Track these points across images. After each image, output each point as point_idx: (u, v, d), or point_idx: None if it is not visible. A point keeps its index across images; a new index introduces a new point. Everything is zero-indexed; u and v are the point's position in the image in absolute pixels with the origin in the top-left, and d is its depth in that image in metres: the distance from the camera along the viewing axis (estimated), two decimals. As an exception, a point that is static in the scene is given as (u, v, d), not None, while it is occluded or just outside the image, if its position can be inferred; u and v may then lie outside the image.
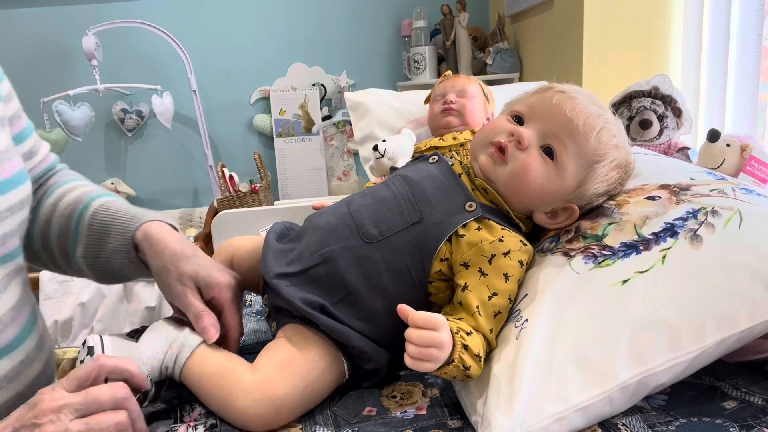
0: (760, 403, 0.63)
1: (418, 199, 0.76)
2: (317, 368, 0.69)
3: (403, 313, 0.63)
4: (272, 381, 0.66)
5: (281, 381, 0.66)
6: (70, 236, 0.76)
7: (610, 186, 0.76)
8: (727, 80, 1.65)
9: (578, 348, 0.62)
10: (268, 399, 0.65)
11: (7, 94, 0.74)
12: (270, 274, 0.73)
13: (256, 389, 0.65)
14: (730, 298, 0.62)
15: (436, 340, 0.61)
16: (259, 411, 0.64)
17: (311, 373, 0.68)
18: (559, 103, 0.75)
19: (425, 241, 0.72)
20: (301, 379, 0.67)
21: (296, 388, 0.66)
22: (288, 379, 0.67)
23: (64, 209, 0.77)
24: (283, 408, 0.66)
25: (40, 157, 0.82)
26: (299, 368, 0.68)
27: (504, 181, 0.75)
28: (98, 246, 0.74)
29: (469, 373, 0.64)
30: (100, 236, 0.74)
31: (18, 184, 0.68)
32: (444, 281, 0.74)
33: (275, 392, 0.65)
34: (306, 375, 0.68)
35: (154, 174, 2.87)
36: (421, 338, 0.61)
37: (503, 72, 2.51)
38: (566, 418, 0.59)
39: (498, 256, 0.70)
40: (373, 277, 0.72)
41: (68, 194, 0.79)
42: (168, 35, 2.47)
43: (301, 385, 0.67)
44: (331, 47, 2.88)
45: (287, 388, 0.66)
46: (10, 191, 0.66)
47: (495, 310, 0.69)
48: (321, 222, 0.78)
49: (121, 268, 0.75)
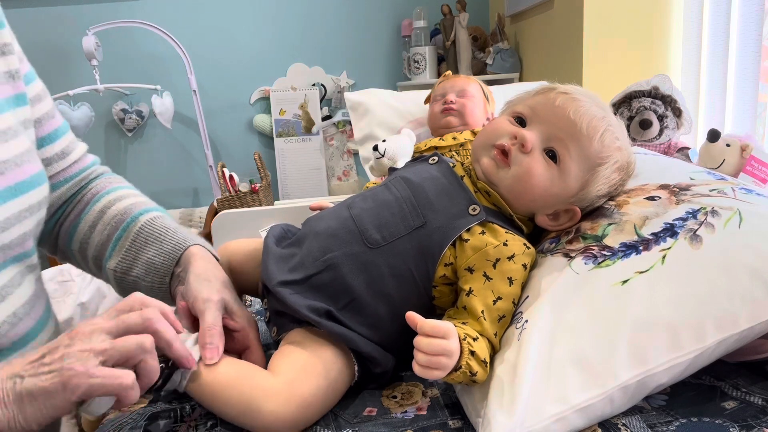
0: (760, 403, 0.63)
1: (420, 202, 0.75)
2: (335, 368, 0.69)
3: (412, 321, 0.62)
4: (297, 382, 0.65)
5: (306, 382, 0.65)
6: (109, 246, 0.76)
7: (612, 187, 0.76)
8: (727, 80, 1.65)
9: (578, 348, 0.62)
10: (295, 400, 0.64)
11: (36, 95, 0.75)
12: (273, 282, 0.72)
13: (282, 391, 0.64)
14: (730, 298, 0.62)
15: (446, 348, 0.61)
16: (288, 413, 0.63)
17: (331, 373, 0.68)
18: (563, 105, 0.74)
19: (429, 246, 0.72)
20: (324, 378, 0.67)
21: (320, 388, 0.66)
22: (312, 379, 0.66)
23: (110, 219, 0.78)
24: (311, 408, 0.65)
25: (75, 157, 0.82)
26: (320, 368, 0.67)
27: (507, 184, 0.75)
28: (133, 261, 0.75)
29: (476, 378, 0.63)
30: (139, 251, 0.75)
31: (36, 185, 0.68)
32: (448, 285, 0.73)
33: (302, 393, 0.64)
34: (327, 375, 0.67)
35: (154, 174, 2.87)
36: (430, 347, 0.61)
37: (503, 72, 2.51)
38: (566, 419, 0.59)
39: (502, 260, 0.70)
40: (377, 283, 0.72)
41: (117, 203, 0.79)
42: (168, 35, 2.47)
43: (324, 384, 0.67)
44: (331, 47, 2.88)
45: (313, 388, 0.65)
46: (29, 192, 0.66)
47: (500, 314, 0.69)
48: (322, 227, 0.77)
49: (147, 292, 0.71)
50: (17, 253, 0.66)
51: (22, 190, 0.65)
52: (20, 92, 0.71)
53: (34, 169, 0.69)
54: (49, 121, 0.77)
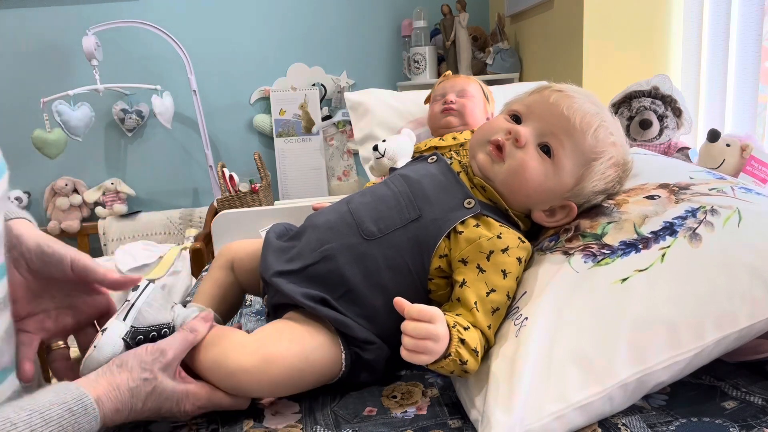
0: (760, 403, 0.63)
1: (417, 196, 0.76)
2: (314, 340, 0.69)
3: (399, 306, 0.63)
4: (267, 339, 0.67)
5: (276, 341, 0.67)
6: None
7: (608, 184, 0.76)
8: (727, 80, 1.65)
9: (578, 346, 0.62)
10: (260, 352, 0.65)
11: None
12: (269, 272, 0.73)
13: (250, 344, 0.66)
14: (730, 296, 0.62)
15: (432, 332, 0.62)
16: (250, 363, 0.64)
17: (307, 341, 0.68)
18: (557, 101, 0.75)
19: (424, 238, 0.73)
20: (297, 343, 0.67)
21: (290, 350, 0.67)
22: (283, 341, 0.67)
23: None
24: (275, 364, 0.65)
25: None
26: (296, 334, 0.69)
27: (502, 179, 0.76)
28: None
29: (466, 367, 0.64)
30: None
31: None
32: (443, 278, 0.74)
33: (269, 349, 0.66)
34: (301, 341, 0.68)
35: (154, 174, 2.87)
36: (416, 330, 0.62)
37: (503, 72, 2.50)
38: (566, 417, 0.59)
39: (496, 252, 0.71)
40: (373, 274, 0.72)
41: None
42: (168, 35, 2.47)
43: (296, 348, 0.67)
44: (331, 47, 2.87)
45: (282, 348, 0.66)
46: None
47: (493, 306, 0.69)
48: (321, 220, 0.78)
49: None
50: None
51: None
52: None
53: None
54: None
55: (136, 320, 0.66)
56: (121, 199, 2.76)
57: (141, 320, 0.66)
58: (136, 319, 0.66)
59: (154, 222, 2.77)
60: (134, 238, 2.70)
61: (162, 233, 2.77)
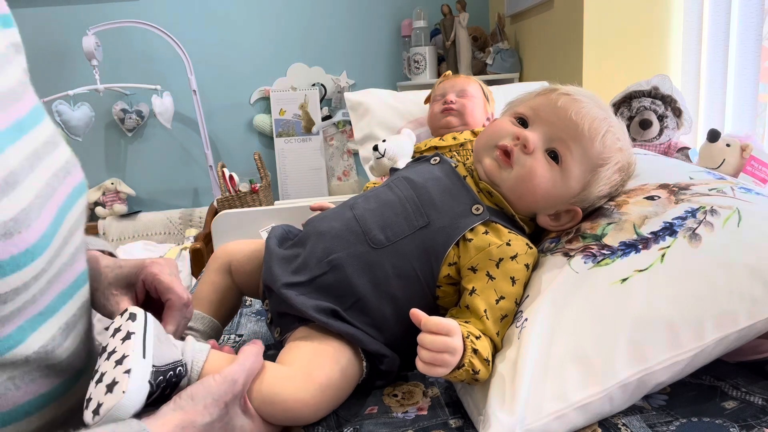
0: (760, 403, 0.63)
1: (424, 202, 0.75)
2: (345, 357, 0.69)
3: (416, 318, 0.62)
4: (311, 367, 0.65)
5: (319, 367, 0.65)
6: None
7: (613, 188, 0.76)
8: (727, 80, 1.65)
9: (578, 346, 0.62)
10: (313, 384, 0.63)
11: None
12: (277, 284, 0.72)
13: (298, 375, 0.64)
14: (729, 296, 0.62)
15: (449, 345, 0.61)
16: (308, 396, 0.63)
17: (342, 360, 0.68)
18: (564, 106, 0.74)
19: (433, 246, 0.72)
20: (336, 363, 0.67)
21: (334, 372, 0.66)
22: (325, 365, 0.66)
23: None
24: (328, 391, 0.65)
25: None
26: (331, 354, 0.67)
27: (510, 185, 0.75)
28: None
29: (478, 377, 0.63)
30: None
31: (36, 123, 0.55)
32: (452, 285, 0.73)
33: (318, 376, 0.64)
34: (338, 360, 0.67)
35: (154, 174, 2.87)
36: (434, 344, 0.60)
37: (503, 72, 2.50)
38: (566, 416, 0.59)
39: (505, 260, 0.70)
40: (382, 283, 0.72)
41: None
42: (168, 35, 2.47)
43: (337, 369, 0.66)
44: (331, 47, 2.87)
45: (327, 372, 0.65)
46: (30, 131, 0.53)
47: (502, 313, 0.69)
48: (325, 227, 0.76)
49: None
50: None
51: (25, 127, 0.53)
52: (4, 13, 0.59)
53: (32, 102, 0.57)
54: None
55: (155, 358, 0.56)
56: (121, 199, 2.77)
57: (159, 357, 0.56)
58: (154, 356, 0.56)
59: (154, 222, 2.78)
60: (134, 238, 2.71)
61: (162, 233, 2.77)
